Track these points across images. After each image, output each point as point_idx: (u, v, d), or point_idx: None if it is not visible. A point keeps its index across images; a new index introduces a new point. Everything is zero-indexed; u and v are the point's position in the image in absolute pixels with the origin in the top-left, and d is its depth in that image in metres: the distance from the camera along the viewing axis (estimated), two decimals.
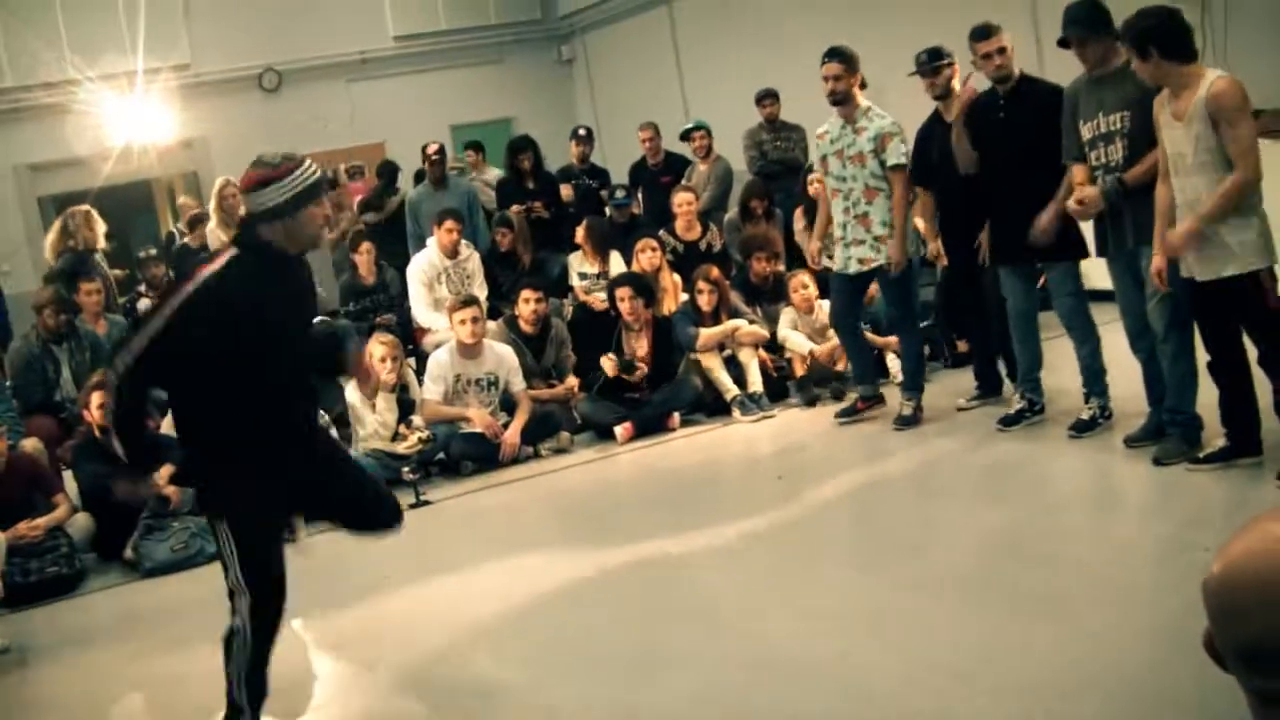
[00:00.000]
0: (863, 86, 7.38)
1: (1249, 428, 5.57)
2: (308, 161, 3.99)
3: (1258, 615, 1.30)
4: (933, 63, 7.13)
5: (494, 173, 11.99)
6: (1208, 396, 5.76)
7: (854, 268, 7.41)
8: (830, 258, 7.76)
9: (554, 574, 5.63)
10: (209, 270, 3.87)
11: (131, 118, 14.01)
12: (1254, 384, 5.53)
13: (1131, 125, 5.78)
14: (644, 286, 8.51)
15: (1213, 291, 5.34)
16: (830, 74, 7.21)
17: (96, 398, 6.80)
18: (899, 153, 7.19)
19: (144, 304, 9.19)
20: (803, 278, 8.77)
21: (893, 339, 8.07)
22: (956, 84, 7.15)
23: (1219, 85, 5.10)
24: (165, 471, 6.71)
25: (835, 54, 7.23)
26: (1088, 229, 6.40)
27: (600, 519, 5.79)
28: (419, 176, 11.15)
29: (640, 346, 8.40)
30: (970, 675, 3.93)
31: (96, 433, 6.86)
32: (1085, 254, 6.57)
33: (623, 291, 8.33)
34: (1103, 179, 5.91)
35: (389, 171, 12.27)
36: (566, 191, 11.04)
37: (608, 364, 8.16)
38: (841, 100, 7.24)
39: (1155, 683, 3.68)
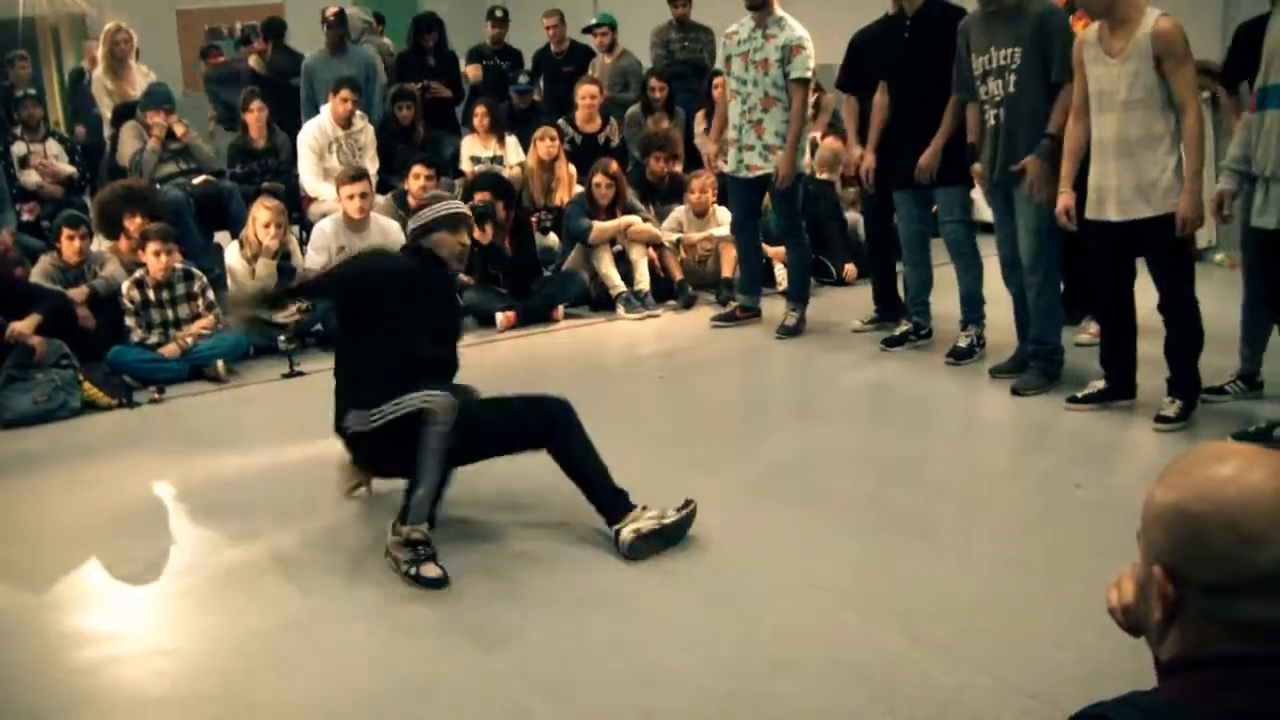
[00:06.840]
0: None
1: (1127, 371, 5.68)
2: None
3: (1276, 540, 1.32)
4: None
5: (385, 42, 11.63)
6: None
7: (743, 172, 7.42)
8: (726, 160, 7.71)
9: None
10: None
11: None
12: (1137, 328, 5.61)
13: (1022, 61, 5.81)
14: (505, 189, 8.37)
15: (1128, 230, 5.33)
16: None
17: None
18: (804, 67, 7.16)
19: (18, 146, 8.76)
20: (705, 180, 8.72)
21: (780, 249, 8.09)
22: None
23: (1164, 24, 5.10)
24: (31, 321, 6.52)
25: None
26: None
27: None
28: None
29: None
30: (841, 591, 3.96)
31: None
32: (971, 182, 6.58)
33: (481, 196, 8.08)
34: (993, 115, 5.96)
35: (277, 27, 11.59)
36: (475, 71, 10.78)
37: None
38: (758, 4, 7.18)
39: (1019, 611, 3.73)
